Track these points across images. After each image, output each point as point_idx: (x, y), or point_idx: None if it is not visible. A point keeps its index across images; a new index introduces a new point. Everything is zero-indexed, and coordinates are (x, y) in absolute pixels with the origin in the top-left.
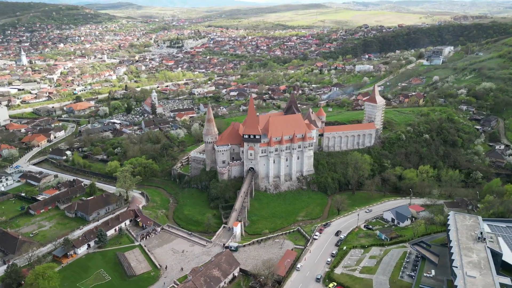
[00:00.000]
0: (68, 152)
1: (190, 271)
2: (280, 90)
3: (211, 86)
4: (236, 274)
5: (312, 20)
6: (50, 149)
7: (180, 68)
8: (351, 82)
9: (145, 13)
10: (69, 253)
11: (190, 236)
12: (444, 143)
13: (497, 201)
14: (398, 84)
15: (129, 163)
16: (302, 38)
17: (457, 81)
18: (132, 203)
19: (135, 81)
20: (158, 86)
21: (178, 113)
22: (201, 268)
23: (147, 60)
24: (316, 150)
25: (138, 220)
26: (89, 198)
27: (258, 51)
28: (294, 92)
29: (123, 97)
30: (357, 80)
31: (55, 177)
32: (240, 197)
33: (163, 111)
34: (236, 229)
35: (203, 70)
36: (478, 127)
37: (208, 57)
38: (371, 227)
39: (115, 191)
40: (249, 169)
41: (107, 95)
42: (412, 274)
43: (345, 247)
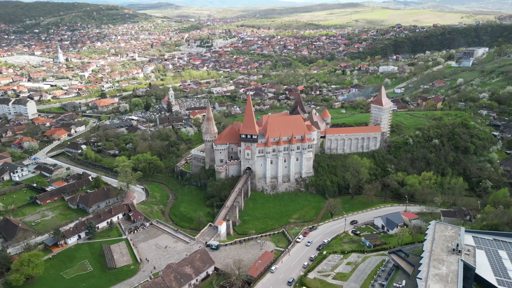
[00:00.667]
0: (84, 146)
1: (165, 267)
2: (298, 91)
3: (231, 86)
4: (211, 273)
5: (346, 20)
6: (68, 143)
7: (206, 67)
8: (372, 84)
9: (183, 13)
10: (60, 243)
11: (176, 233)
12: (455, 149)
13: (497, 212)
14: (420, 87)
15: (136, 159)
16: (332, 38)
17: (482, 84)
18: (126, 198)
19: (161, 79)
20: (180, 85)
21: (192, 111)
22: (173, 265)
23: (176, 59)
24: (318, 152)
25: (130, 215)
26: (91, 191)
27: (285, 51)
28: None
29: (145, 95)
30: (379, 82)
31: (67, 170)
32: (232, 196)
33: (180, 109)
34: (221, 228)
35: (228, 70)
36: (496, 133)
37: (235, 57)
38: (359, 233)
39: (117, 185)
40: (246, 169)
41: (131, 93)
42: (384, 283)
43: (325, 252)
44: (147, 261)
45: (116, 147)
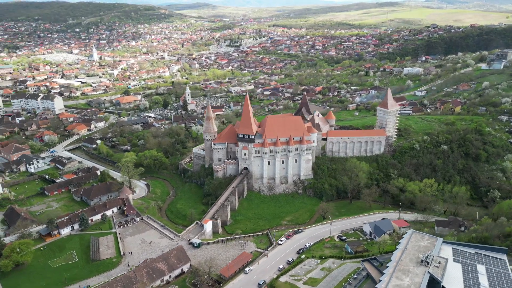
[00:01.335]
0: (99, 141)
1: (142, 262)
2: (316, 91)
3: (251, 85)
4: (186, 270)
5: (382, 20)
6: (85, 138)
7: (231, 67)
8: (394, 85)
9: (219, 13)
10: (53, 233)
11: (163, 229)
12: (466, 156)
13: (488, 225)
14: (444, 89)
15: (142, 155)
16: (362, 38)
17: (508, 89)
18: (122, 192)
19: (186, 78)
20: (202, 83)
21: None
22: (148, 260)
23: (203, 58)
24: (319, 155)
25: (124, 209)
26: (94, 185)
27: (312, 51)
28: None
29: (166, 93)
30: (401, 84)
31: (79, 163)
32: (224, 195)
33: (196, 107)
34: (206, 226)
35: (253, 69)
36: None
37: (261, 57)
38: (345, 238)
39: (120, 180)
40: (244, 169)
41: (154, 90)
42: None
43: (304, 256)
44: (131, 254)
45: (129, 143)
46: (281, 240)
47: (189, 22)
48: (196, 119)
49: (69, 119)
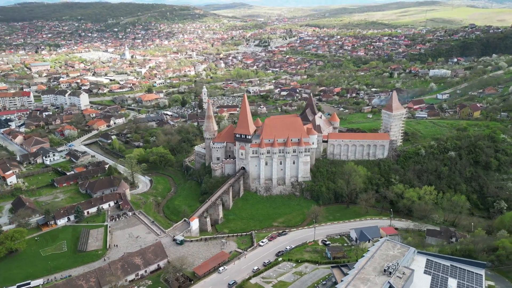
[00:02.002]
0: (114, 137)
1: (122, 255)
2: (334, 93)
3: (271, 85)
4: (163, 266)
5: (420, 19)
6: (103, 133)
7: (256, 67)
8: (416, 88)
9: (254, 13)
10: (50, 223)
11: (151, 224)
12: (475, 164)
13: (475, 238)
14: (468, 93)
15: (150, 151)
16: (394, 39)
17: None
18: (120, 187)
19: (210, 77)
20: (223, 83)
21: (220, 109)
22: (124, 254)
23: (230, 58)
24: (320, 157)
25: (120, 203)
26: (99, 179)
27: (341, 51)
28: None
29: (186, 91)
30: (424, 86)
31: (92, 157)
32: (216, 194)
33: (212, 106)
34: (192, 224)
35: (277, 69)
36: None
37: (287, 57)
38: (328, 243)
39: (124, 174)
40: (241, 168)
41: (177, 89)
42: None
43: (281, 258)
44: (116, 247)
45: (142, 139)
46: (263, 242)
47: (222, 22)
48: None
49: (92, 115)
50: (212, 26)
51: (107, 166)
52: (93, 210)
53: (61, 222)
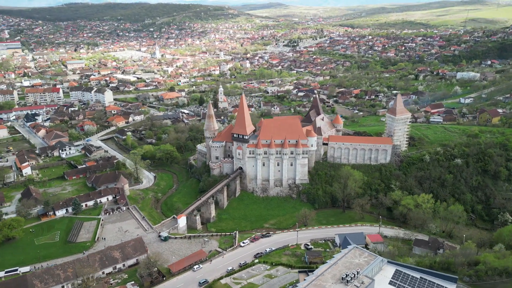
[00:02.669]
0: (129, 133)
1: (106, 247)
2: (352, 94)
3: (290, 86)
4: (141, 261)
5: (461, 19)
6: (119, 129)
7: (280, 66)
8: (440, 91)
9: (290, 13)
10: (49, 214)
11: (142, 220)
12: (483, 173)
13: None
14: (494, 98)
15: (158, 148)
16: (428, 39)
17: None
18: (119, 182)
19: (234, 77)
20: (245, 83)
21: (235, 109)
22: (105, 247)
23: (256, 58)
24: (320, 160)
25: (117, 198)
26: (104, 173)
27: (370, 52)
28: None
29: (207, 90)
30: (448, 89)
31: (105, 152)
32: (209, 193)
33: (228, 106)
34: (180, 221)
35: (302, 69)
36: None
37: (314, 57)
38: (311, 248)
39: (131, 170)
40: (238, 168)
41: (198, 88)
42: None
43: (257, 260)
44: (104, 240)
45: (155, 136)
46: (244, 242)
47: (254, 22)
48: (222, 117)
49: (113, 112)
50: (244, 26)
51: (116, 161)
52: (91, 203)
53: (60, 213)
